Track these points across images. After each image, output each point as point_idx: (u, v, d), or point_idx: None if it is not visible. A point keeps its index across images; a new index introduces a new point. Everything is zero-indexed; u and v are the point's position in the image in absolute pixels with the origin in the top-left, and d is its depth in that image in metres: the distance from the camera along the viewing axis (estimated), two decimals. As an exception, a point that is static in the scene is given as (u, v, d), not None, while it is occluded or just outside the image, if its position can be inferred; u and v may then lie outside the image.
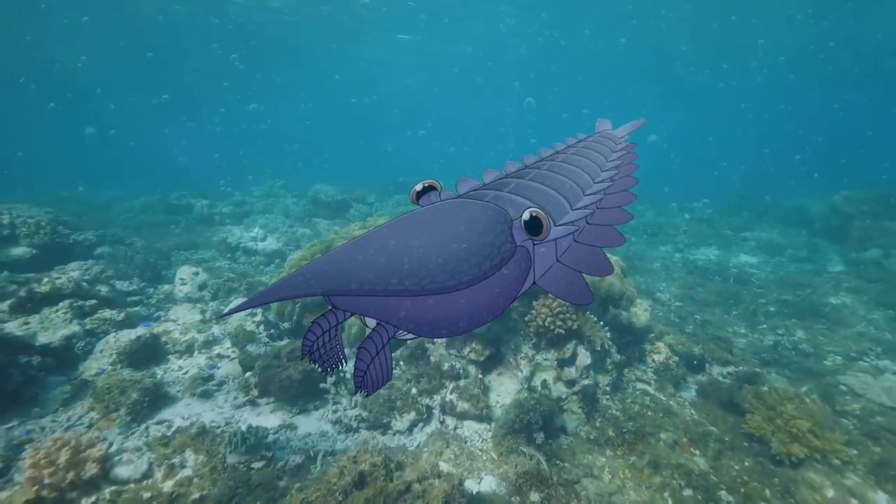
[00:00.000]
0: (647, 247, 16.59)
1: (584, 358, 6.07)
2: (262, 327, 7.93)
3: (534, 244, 1.29)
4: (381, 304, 1.04)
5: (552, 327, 5.99)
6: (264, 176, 25.90)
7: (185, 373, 6.76)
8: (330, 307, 1.14)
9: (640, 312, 7.11)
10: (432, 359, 6.11)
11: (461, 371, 5.92)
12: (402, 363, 6.26)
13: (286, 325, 7.83)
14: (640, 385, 6.75)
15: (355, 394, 6.14)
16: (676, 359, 7.05)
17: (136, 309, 8.70)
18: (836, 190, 18.06)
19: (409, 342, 6.25)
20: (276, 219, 16.43)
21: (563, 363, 6.13)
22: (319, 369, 1.20)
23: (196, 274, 9.47)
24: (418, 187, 1.46)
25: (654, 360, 6.97)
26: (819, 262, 15.09)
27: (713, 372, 7.35)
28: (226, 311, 1.33)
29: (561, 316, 6.04)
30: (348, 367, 6.75)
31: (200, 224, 16.95)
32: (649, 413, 6.13)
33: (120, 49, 30.26)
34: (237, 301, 9.06)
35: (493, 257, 1.12)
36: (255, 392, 5.95)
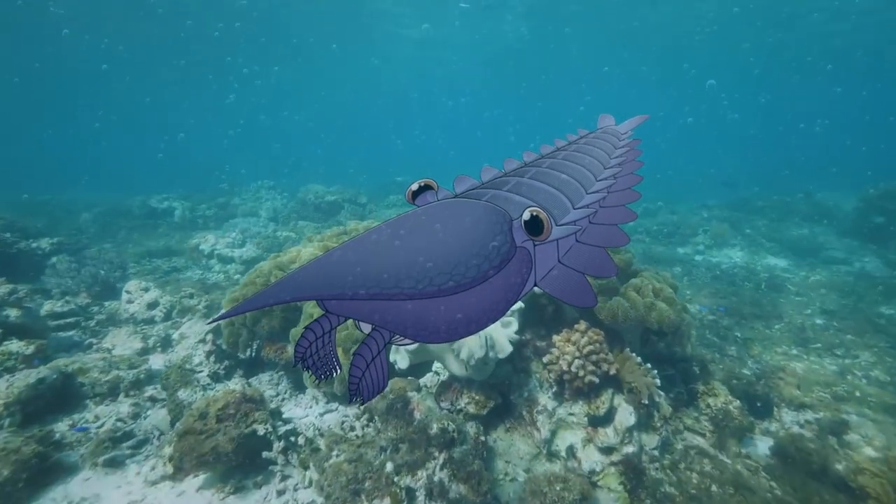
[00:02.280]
0: (663, 248, 14.77)
1: (625, 415, 4.30)
2: (212, 358, 6.21)
3: (534, 245, 1.19)
4: (377, 309, 0.97)
5: (581, 374, 4.23)
6: (256, 175, 24.02)
7: (102, 425, 5.04)
8: (324, 312, 1.05)
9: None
10: (416, 415, 4.35)
11: (455, 434, 4.15)
12: (375, 420, 4.50)
13: (244, 354, 6.11)
14: (693, 440, 4.97)
15: (350, 402, 4.77)
16: (738, 403, 5.27)
17: (69, 334, 7.00)
18: (866, 183, 16.12)
19: (388, 395, 4.50)
20: (260, 222, 14.72)
21: (595, 421, 4.37)
22: (313, 376, 1.08)
23: (146, 290, 7.75)
24: (414, 187, 1.34)
25: (709, 406, 5.19)
26: (856, 264, 13.29)
27: (784, 418, 5.56)
28: (215, 317, 1.02)
29: (592, 357, 4.28)
30: (305, 432, 5.02)
31: (181, 228, 15.25)
32: (714, 487, 4.34)
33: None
34: (190, 322, 7.33)
35: (493, 259, 1.03)
36: (169, 468, 4.18)
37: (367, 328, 1.12)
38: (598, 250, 1.42)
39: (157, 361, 6.44)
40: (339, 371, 1.13)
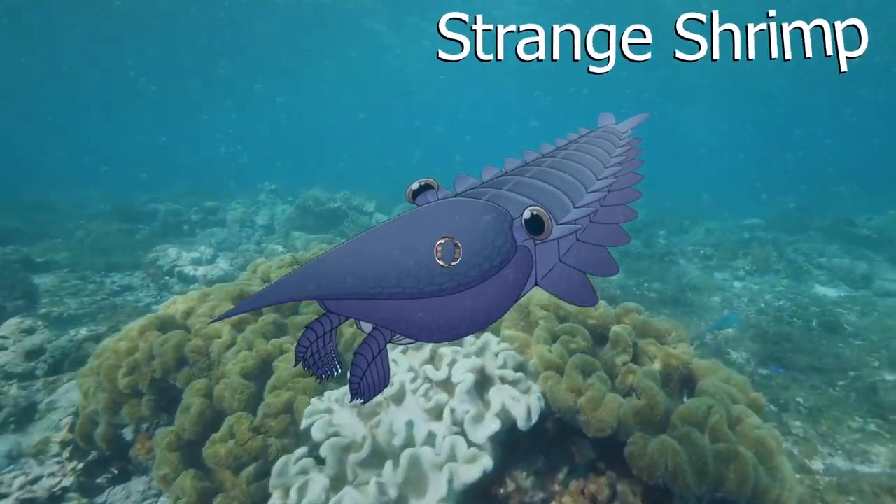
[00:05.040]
0: (700, 272, 12.40)
1: None
2: (66, 453, 4.13)
3: (535, 244, 1.14)
4: (378, 308, 0.93)
5: None
6: (266, 175, 21.81)
7: None
8: (324, 311, 1.00)
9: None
10: None
11: None
12: None
13: (107, 451, 4.02)
14: None
15: (350, 402, 2.82)
16: None
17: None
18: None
19: None
20: (243, 232, 12.61)
21: None
22: (314, 376, 1.03)
23: (29, 331, 5.69)
24: (414, 186, 1.26)
25: None
26: (917, 297, 10.80)
27: None
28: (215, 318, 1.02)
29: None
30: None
31: (161, 235, 13.24)
32: None
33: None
34: (73, 382, 5.24)
35: (494, 258, 0.98)
36: None
37: (367, 327, 1.03)
38: (598, 249, 1.34)
39: (1, 448, 4.37)
40: (339, 371, 1.03)
